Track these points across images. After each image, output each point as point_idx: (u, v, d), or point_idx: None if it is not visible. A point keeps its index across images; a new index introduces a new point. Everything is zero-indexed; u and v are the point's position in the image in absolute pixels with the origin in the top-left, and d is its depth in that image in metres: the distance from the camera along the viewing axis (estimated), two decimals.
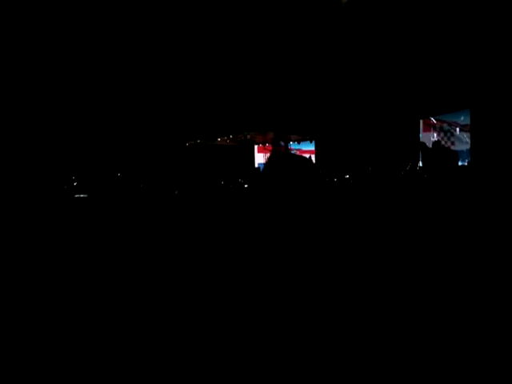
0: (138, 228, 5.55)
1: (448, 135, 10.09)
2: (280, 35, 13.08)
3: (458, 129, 9.87)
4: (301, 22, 12.48)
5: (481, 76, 9.28)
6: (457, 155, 7.13)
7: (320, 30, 12.56)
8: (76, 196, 10.96)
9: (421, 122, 11.13)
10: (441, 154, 7.55)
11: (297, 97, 14.24)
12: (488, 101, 9.04)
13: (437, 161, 7.51)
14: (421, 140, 10.60)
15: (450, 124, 10.11)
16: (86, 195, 11.13)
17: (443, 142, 10.21)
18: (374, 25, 11.58)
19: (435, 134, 10.55)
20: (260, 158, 15.64)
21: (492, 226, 4.48)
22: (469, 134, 9.43)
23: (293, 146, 15.22)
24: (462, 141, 9.61)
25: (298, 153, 14.63)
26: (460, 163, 9.49)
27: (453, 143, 9.98)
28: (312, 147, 14.93)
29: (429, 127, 10.86)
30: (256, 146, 15.86)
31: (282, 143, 15.70)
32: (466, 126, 9.58)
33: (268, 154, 15.77)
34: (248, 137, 15.38)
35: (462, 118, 9.70)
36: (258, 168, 14.67)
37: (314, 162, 13.99)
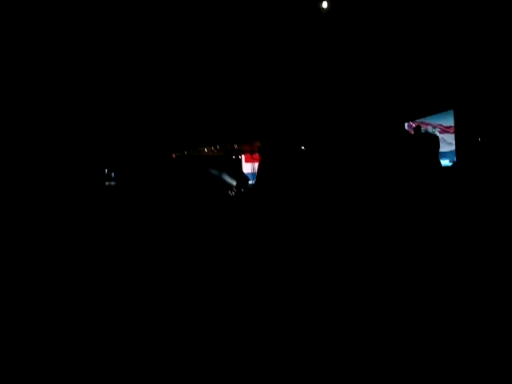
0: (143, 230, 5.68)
1: None
2: (269, 44, 13.15)
3: (440, 130, 9.90)
4: (285, 28, 12.55)
5: (464, 75, 9.34)
6: (438, 139, 7.14)
7: (302, 35, 12.64)
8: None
9: (406, 125, 11.17)
10: (423, 138, 7.58)
11: (282, 104, 14.26)
12: (472, 101, 9.09)
13: (420, 145, 7.53)
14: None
15: (434, 126, 10.14)
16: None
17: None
18: (357, 29, 11.66)
19: None
20: (248, 168, 15.57)
21: (479, 224, 4.45)
22: (453, 136, 9.47)
23: None
24: (447, 142, 9.63)
25: None
26: (446, 164, 9.51)
27: None
28: None
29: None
30: (243, 156, 15.80)
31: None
32: (449, 127, 9.61)
33: (256, 164, 15.72)
34: (235, 147, 15.33)
35: (446, 120, 9.75)
36: (246, 178, 14.58)
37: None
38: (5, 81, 10.66)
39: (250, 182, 14.93)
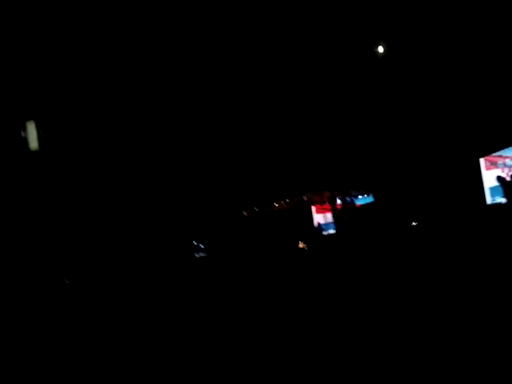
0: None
1: None
2: (328, 97, 13.32)
3: None
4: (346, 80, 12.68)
5: None
6: None
7: (366, 84, 12.66)
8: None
9: (482, 160, 10.50)
10: None
11: (350, 152, 14.11)
12: None
13: None
14: (484, 179, 10.00)
15: None
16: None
17: (509, 178, 9.48)
18: (419, 68, 11.47)
19: (500, 171, 9.86)
20: (320, 219, 15.34)
21: None
22: None
23: (350, 201, 14.87)
24: None
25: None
26: None
27: None
28: (367, 200, 14.56)
29: (491, 165, 10.20)
30: (314, 207, 15.66)
31: (339, 201, 15.41)
32: None
33: (328, 214, 15.47)
34: (305, 198, 15.29)
35: None
36: (319, 229, 14.39)
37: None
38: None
39: (323, 233, 14.65)
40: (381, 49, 12.22)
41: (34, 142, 11.70)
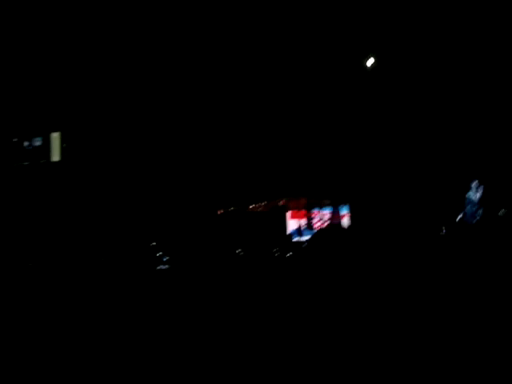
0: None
1: None
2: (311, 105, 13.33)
3: None
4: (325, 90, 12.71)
5: None
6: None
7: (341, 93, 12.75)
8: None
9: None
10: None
11: (328, 161, 14.12)
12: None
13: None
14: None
15: None
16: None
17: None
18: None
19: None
20: (294, 224, 15.28)
21: None
22: None
23: (325, 210, 14.91)
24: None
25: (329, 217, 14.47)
26: None
27: None
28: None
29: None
30: (289, 212, 15.61)
31: (317, 209, 15.40)
32: None
33: (303, 220, 15.42)
34: (281, 203, 15.25)
35: None
36: (291, 235, 14.34)
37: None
38: None
39: (296, 240, 14.58)
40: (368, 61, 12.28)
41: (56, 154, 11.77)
